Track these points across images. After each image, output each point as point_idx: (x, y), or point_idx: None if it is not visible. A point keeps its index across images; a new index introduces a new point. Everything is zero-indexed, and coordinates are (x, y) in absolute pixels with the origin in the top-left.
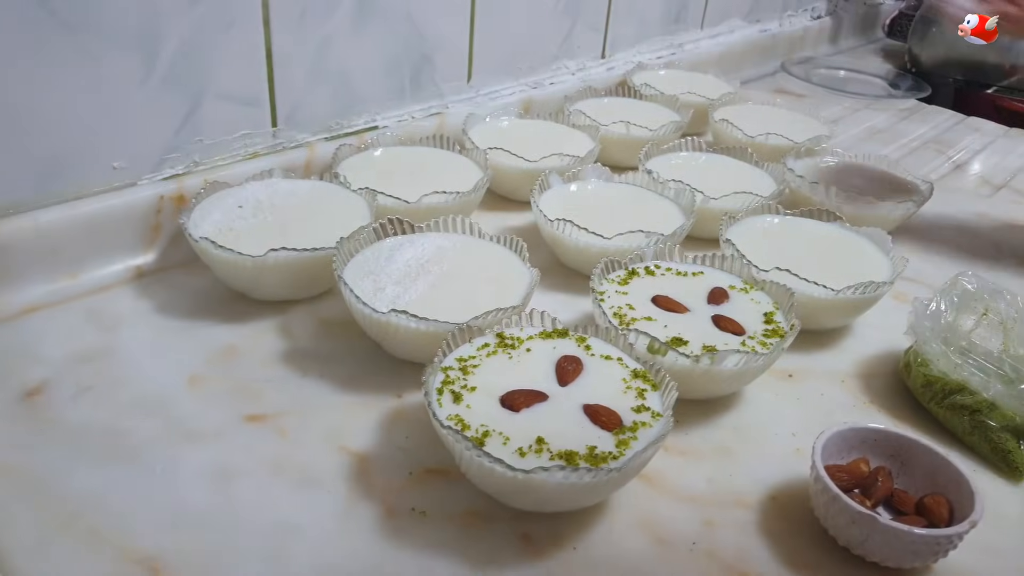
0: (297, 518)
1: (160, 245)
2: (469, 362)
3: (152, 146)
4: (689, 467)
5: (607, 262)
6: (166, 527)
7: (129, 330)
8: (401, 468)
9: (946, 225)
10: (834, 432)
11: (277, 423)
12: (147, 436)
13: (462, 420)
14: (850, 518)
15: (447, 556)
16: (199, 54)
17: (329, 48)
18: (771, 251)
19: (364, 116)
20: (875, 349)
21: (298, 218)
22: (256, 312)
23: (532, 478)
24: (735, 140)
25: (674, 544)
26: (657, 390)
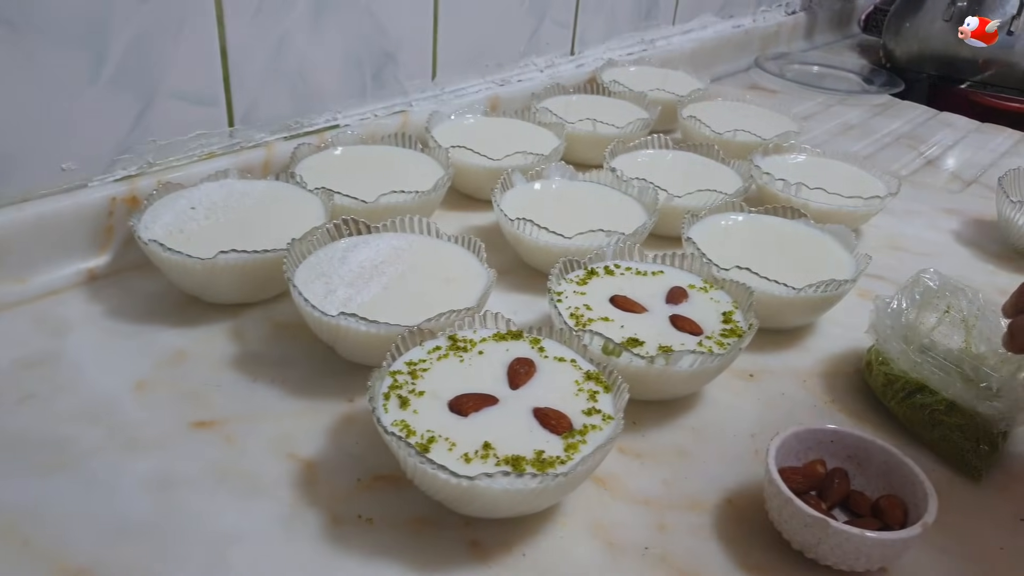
0: (240, 527)
1: (113, 248)
2: (419, 366)
3: (103, 147)
4: (645, 470)
5: (565, 262)
6: (104, 539)
7: (77, 335)
8: (349, 474)
9: (913, 221)
10: (789, 434)
11: (224, 429)
12: (89, 444)
13: (408, 426)
14: (803, 522)
15: (392, 563)
16: (150, 53)
17: (287, 45)
18: (734, 249)
19: (324, 115)
20: (838, 348)
21: (252, 219)
22: (209, 315)
23: (476, 484)
24: (703, 137)
25: (626, 549)
26: (609, 392)
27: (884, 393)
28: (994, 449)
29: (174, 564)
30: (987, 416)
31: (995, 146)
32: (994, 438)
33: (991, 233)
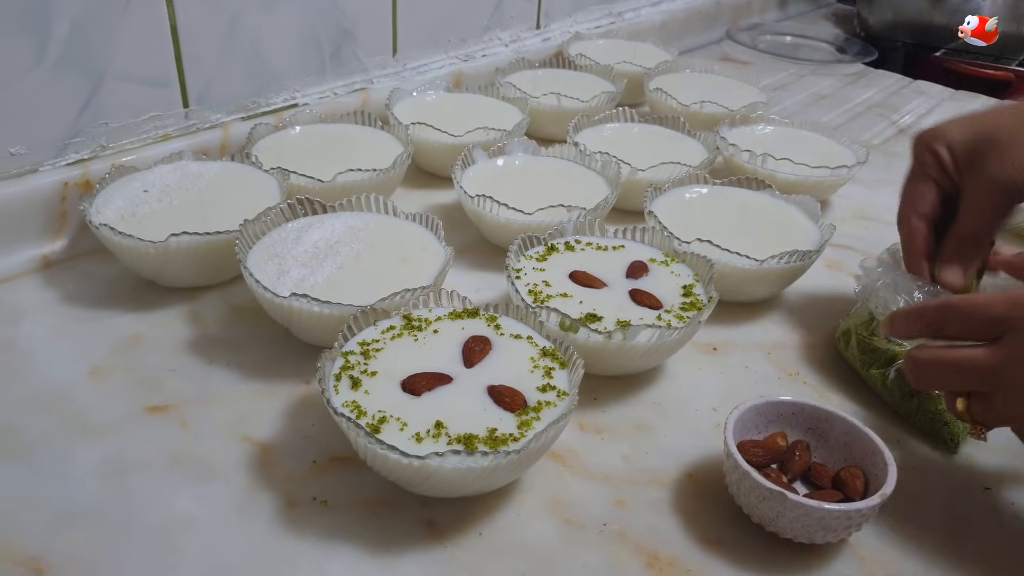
0: (193, 512)
1: (68, 233)
2: (372, 346)
3: (53, 131)
4: (605, 445)
5: (525, 238)
6: (55, 526)
7: (31, 322)
8: (305, 457)
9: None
10: (748, 406)
11: (179, 414)
12: (41, 431)
13: (359, 406)
14: (761, 495)
15: (348, 545)
16: (95, 33)
17: (240, 23)
18: (698, 222)
19: (283, 94)
20: (804, 320)
21: (206, 201)
22: (165, 299)
23: (427, 464)
24: (670, 109)
25: (584, 526)
26: (565, 368)
27: (862, 363)
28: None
29: (125, 550)
30: None
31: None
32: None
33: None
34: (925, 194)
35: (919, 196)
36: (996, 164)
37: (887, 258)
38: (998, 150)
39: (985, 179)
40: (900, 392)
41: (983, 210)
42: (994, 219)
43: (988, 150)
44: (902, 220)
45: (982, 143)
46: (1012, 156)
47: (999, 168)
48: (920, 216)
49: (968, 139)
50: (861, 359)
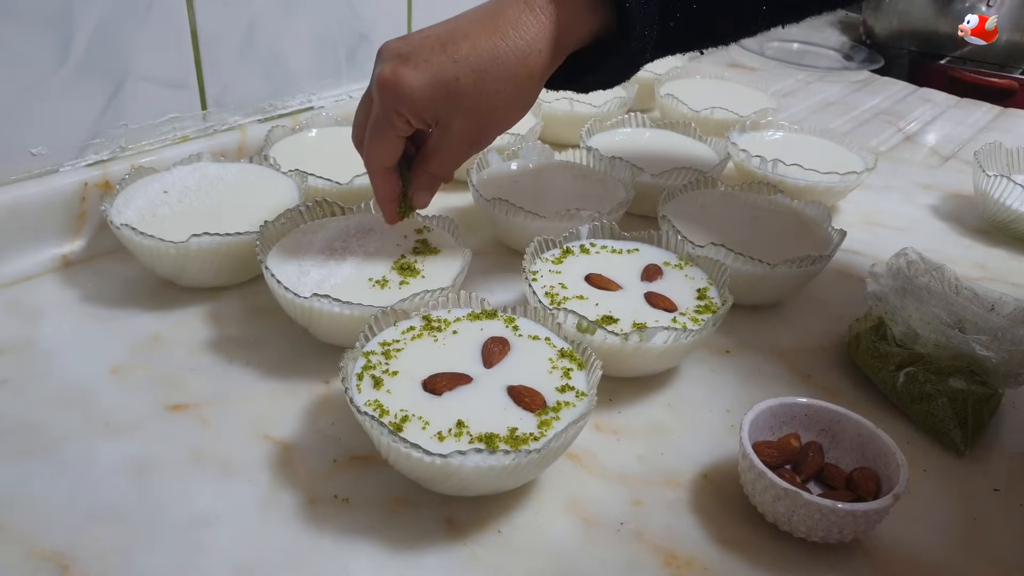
0: (216, 509)
1: (87, 233)
2: (393, 346)
3: (74, 132)
4: (621, 446)
5: (540, 241)
6: (79, 523)
7: (52, 321)
8: (325, 455)
9: (891, 196)
10: (763, 408)
11: (200, 412)
12: (64, 429)
13: (381, 405)
14: (775, 495)
15: (368, 542)
16: (118, 35)
17: (258, 27)
18: (710, 226)
19: (299, 97)
20: (815, 324)
21: (225, 203)
22: (185, 299)
23: (449, 462)
24: (680, 115)
25: (601, 525)
26: (583, 369)
27: (872, 366)
28: (980, 426)
29: (150, 547)
30: (987, 369)
31: (974, 121)
32: (981, 414)
33: (969, 207)
34: (395, 149)
35: (389, 151)
36: (461, 121)
37: (896, 264)
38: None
39: (454, 136)
40: (910, 396)
41: (453, 159)
42: (459, 161)
43: (455, 111)
44: (375, 172)
45: (443, 106)
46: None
47: (464, 124)
48: (389, 169)
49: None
50: (871, 363)
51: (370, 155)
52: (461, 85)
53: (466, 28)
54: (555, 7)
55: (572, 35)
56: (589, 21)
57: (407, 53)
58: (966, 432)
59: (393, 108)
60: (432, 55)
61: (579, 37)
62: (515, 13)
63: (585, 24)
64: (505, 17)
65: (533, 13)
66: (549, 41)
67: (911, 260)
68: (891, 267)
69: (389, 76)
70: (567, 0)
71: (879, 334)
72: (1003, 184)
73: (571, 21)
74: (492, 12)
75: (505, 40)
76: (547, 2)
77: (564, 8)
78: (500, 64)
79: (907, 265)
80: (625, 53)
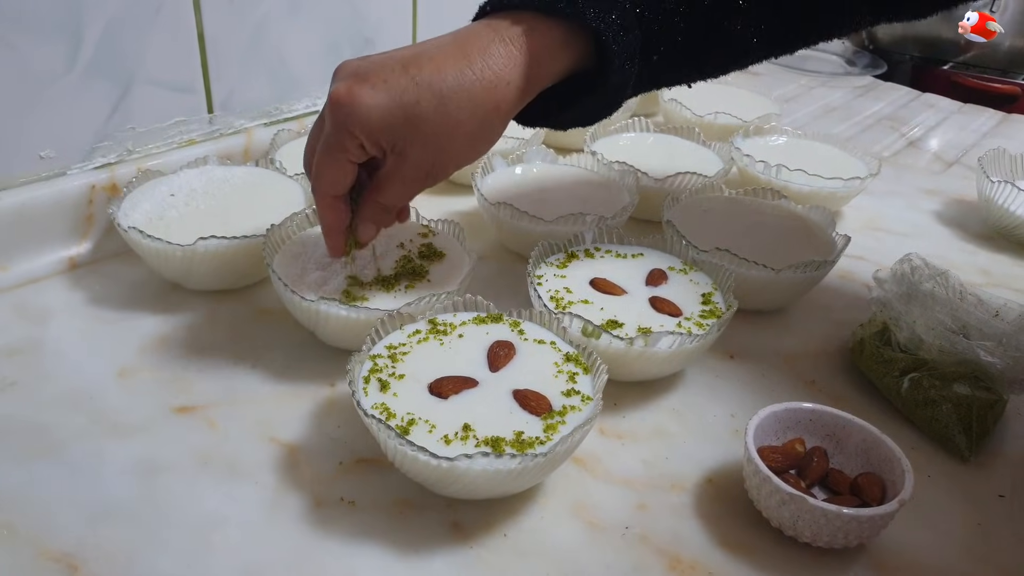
0: (223, 511)
1: (94, 236)
2: (399, 349)
3: (81, 135)
4: (625, 450)
5: (545, 245)
6: (87, 523)
7: (59, 323)
8: (332, 458)
9: (894, 202)
10: (768, 413)
11: (206, 414)
12: (72, 431)
13: (388, 408)
14: (780, 499)
15: (374, 544)
16: (126, 39)
17: (265, 31)
18: (714, 231)
19: (304, 100)
20: (819, 329)
21: (232, 206)
22: (190, 302)
23: (456, 465)
24: (684, 120)
25: (606, 529)
26: (588, 373)
27: (877, 372)
28: (984, 432)
29: (157, 548)
30: (992, 375)
31: (977, 127)
32: (986, 420)
33: (972, 213)
34: (345, 176)
35: (339, 178)
36: (418, 149)
37: (900, 269)
38: (420, 138)
39: (409, 165)
40: (914, 401)
41: (405, 190)
42: (412, 194)
43: (413, 137)
44: (323, 200)
45: (401, 131)
46: (431, 138)
47: (421, 153)
48: (338, 198)
49: (387, 125)
50: (875, 369)
51: (319, 181)
52: (421, 109)
53: (432, 52)
54: (526, 39)
55: (545, 68)
56: (564, 55)
57: (366, 72)
58: (971, 438)
59: (346, 129)
60: (392, 75)
61: (552, 72)
62: (485, 42)
63: (559, 58)
64: (474, 45)
65: (504, 43)
66: (519, 74)
67: (915, 266)
68: (895, 273)
69: (344, 94)
70: (540, 31)
71: (883, 339)
72: (1007, 190)
73: (544, 54)
74: (460, 39)
75: (472, 68)
76: (519, 33)
77: (536, 40)
78: (465, 92)
79: (911, 271)
80: (604, 89)
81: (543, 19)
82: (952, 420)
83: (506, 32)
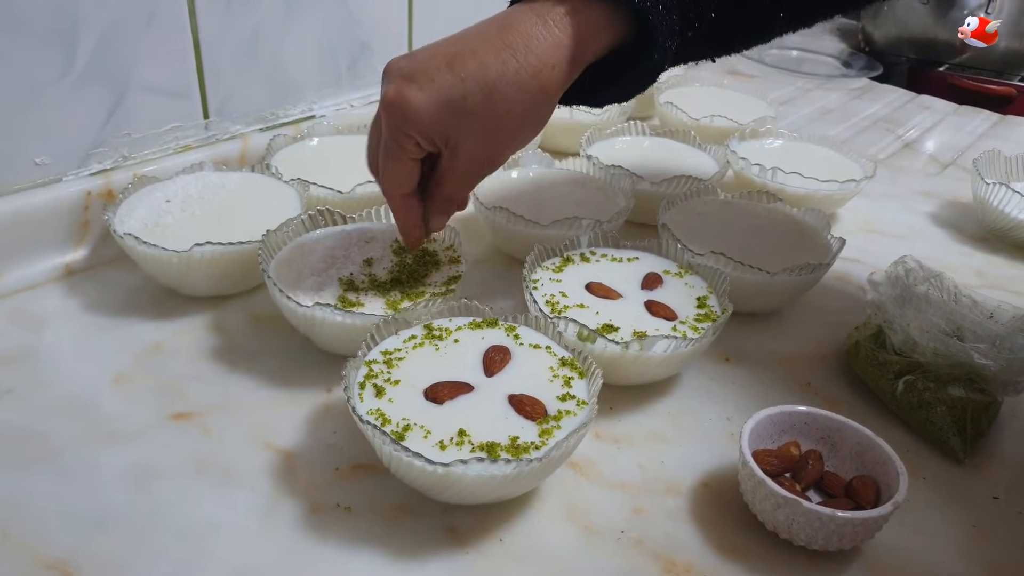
0: (218, 517)
1: (90, 242)
2: (395, 355)
3: (77, 141)
4: (621, 454)
5: (541, 250)
6: (82, 530)
7: (54, 329)
8: (327, 464)
9: (890, 204)
10: (763, 416)
11: (202, 421)
12: (67, 438)
13: (383, 414)
14: (775, 503)
15: (371, 550)
16: (121, 46)
17: (260, 37)
18: (710, 234)
19: (300, 106)
20: (814, 332)
21: (228, 211)
22: (187, 308)
23: (451, 471)
24: (680, 123)
25: (602, 533)
26: (584, 378)
27: (872, 374)
28: (979, 434)
29: (153, 555)
30: (986, 377)
31: (972, 128)
32: (980, 422)
33: (967, 215)
34: (410, 174)
35: (404, 176)
36: (470, 142)
37: (895, 272)
38: (471, 132)
39: (464, 157)
40: (909, 404)
41: (465, 181)
42: (472, 184)
43: (464, 131)
44: (393, 199)
45: (452, 126)
46: (482, 131)
47: (474, 146)
48: (408, 195)
49: (438, 123)
50: (870, 372)
51: (387, 181)
52: (469, 104)
53: (474, 44)
54: (570, 20)
55: (588, 49)
56: (606, 34)
57: (412, 72)
58: (965, 440)
59: (401, 130)
60: (438, 74)
61: (595, 51)
62: (527, 27)
63: (602, 37)
64: (516, 32)
65: (546, 27)
66: (564, 56)
67: (910, 268)
68: (890, 275)
69: (395, 97)
70: (583, 12)
71: (878, 342)
72: (1002, 192)
73: (587, 35)
74: (502, 26)
75: (515, 56)
76: (562, 15)
77: (580, 21)
78: (511, 82)
79: (906, 273)
80: (646, 66)
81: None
82: (947, 422)
83: (548, 15)
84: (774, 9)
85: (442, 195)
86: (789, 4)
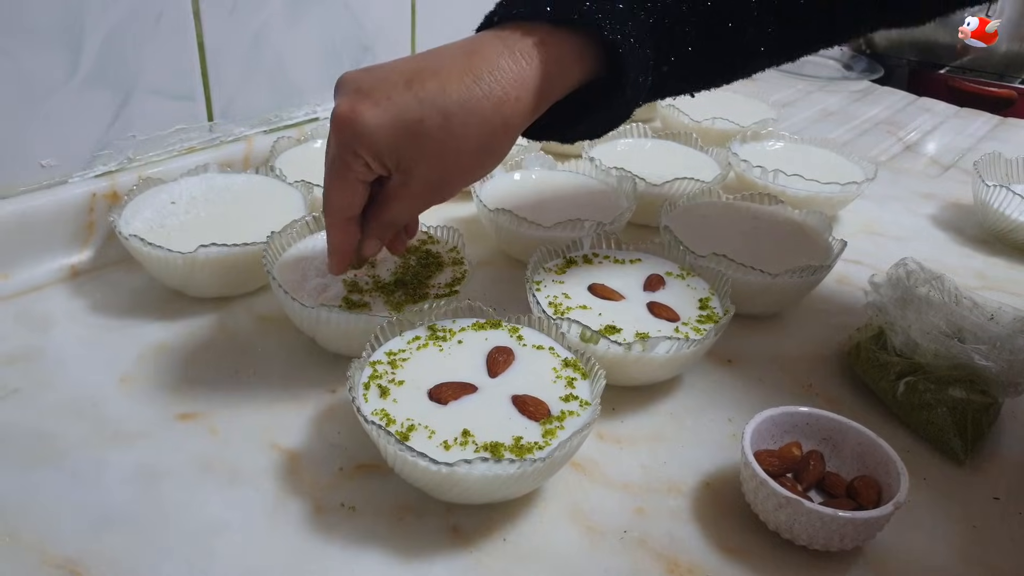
0: (224, 517)
1: (95, 243)
2: (399, 356)
3: (82, 143)
4: (623, 455)
5: (544, 251)
6: (90, 530)
7: (61, 330)
8: (332, 464)
9: (891, 206)
10: (765, 417)
11: (208, 421)
12: (74, 438)
13: (388, 414)
14: (777, 503)
15: (375, 550)
16: (126, 48)
17: (264, 39)
18: (711, 236)
19: (304, 108)
20: (816, 332)
21: (232, 213)
22: (193, 309)
23: (455, 471)
24: (681, 125)
25: (605, 533)
26: (587, 378)
27: (873, 376)
28: (979, 435)
29: (159, 555)
30: (986, 378)
31: (973, 131)
32: (980, 423)
33: (968, 217)
34: (355, 196)
35: (349, 199)
36: (424, 167)
37: (896, 274)
38: (425, 156)
39: (415, 182)
40: (910, 405)
41: (411, 207)
42: (417, 211)
43: (418, 155)
44: (334, 222)
45: (405, 149)
46: (437, 156)
47: (427, 171)
48: (351, 219)
49: (391, 144)
50: (871, 373)
51: (328, 202)
52: (425, 127)
53: (436, 66)
54: (538, 52)
55: (556, 84)
56: (577, 68)
57: (368, 88)
58: (966, 441)
59: (351, 148)
60: (395, 92)
61: (564, 86)
62: (493, 55)
63: (572, 72)
64: (481, 58)
65: (514, 57)
66: (530, 90)
67: (911, 270)
68: (891, 277)
69: (347, 113)
70: (552, 45)
71: (879, 344)
72: (1002, 194)
73: (556, 69)
74: (467, 51)
75: (479, 84)
76: (529, 47)
77: (549, 54)
78: (471, 109)
79: (907, 275)
80: (618, 103)
81: (555, 31)
82: (947, 423)
83: (516, 45)
84: (755, 44)
85: (384, 219)
86: (771, 39)
